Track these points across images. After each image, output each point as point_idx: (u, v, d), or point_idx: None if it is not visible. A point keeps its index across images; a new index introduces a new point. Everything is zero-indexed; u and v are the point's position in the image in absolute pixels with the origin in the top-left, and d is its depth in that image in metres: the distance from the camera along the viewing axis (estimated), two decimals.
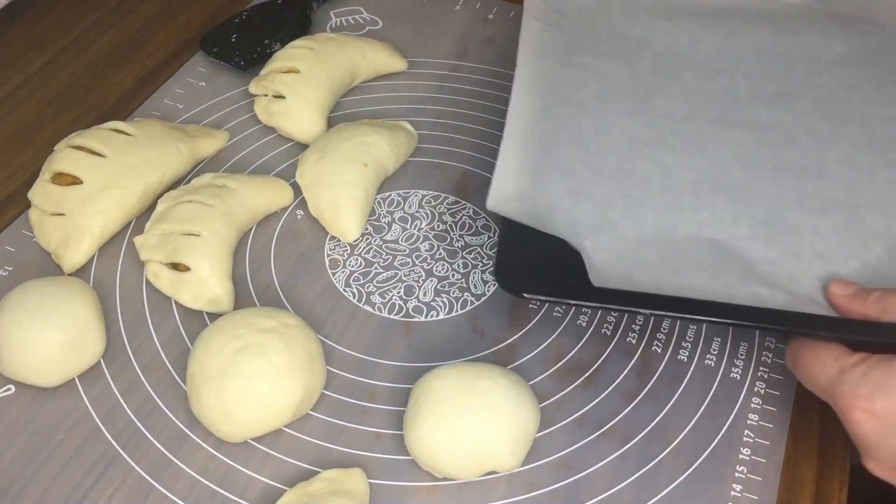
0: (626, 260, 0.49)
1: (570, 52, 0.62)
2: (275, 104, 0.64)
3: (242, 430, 0.46)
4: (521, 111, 0.56)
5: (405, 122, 0.64)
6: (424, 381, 0.46)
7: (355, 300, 0.55)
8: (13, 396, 0.50)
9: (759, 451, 0.47)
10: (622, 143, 0.55)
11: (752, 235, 0.50)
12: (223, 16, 0.75)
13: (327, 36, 0.68)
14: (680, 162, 0.54)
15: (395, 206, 0.60)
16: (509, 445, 0.44)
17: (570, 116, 0.57)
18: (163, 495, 0.46)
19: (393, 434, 0.48)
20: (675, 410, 0.49)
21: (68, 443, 0.48)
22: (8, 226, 0.58)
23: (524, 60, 0.58)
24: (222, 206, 0.55)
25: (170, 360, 0.51)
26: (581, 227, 0.50)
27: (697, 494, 0.46)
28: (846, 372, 0.41)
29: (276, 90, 0.64)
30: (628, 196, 0.52)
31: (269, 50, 0.70)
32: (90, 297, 0.51)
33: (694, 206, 0.52)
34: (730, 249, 0.49)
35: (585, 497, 0.46)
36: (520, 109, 0.56)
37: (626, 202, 0.52)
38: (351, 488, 0.44)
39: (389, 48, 0.70)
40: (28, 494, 0.46)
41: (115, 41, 0.73)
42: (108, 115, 0.66)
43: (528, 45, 0.60)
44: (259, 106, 0.65)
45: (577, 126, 0.56)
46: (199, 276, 0.53)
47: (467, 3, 0.77)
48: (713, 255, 0.49)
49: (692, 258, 0.49)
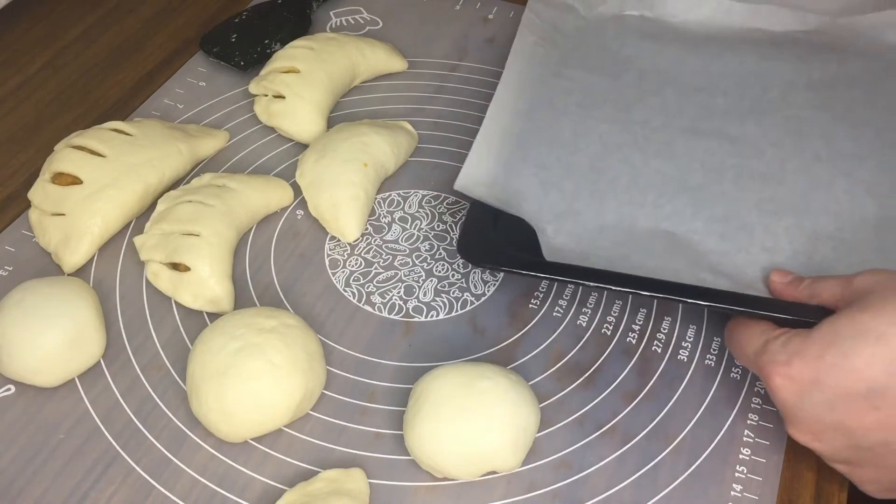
0: (584, 244, 0.53)
1: (560, 64, 0.66)
2: (275, 104, 0.64)
3: (242, 430, 0.46)
4: (502, 110, 0.59)
5: (405, 122, 0.64)
6: (424, 381, 0.46)
7: (355, 300, 0.55)
8: (13, 396, 0.50)
9: (759, 451, 0.48)
10: (597, 146, 0.59)
11: (707, 230, 0.53)
12: (223, 16, 0.75)
13: (327, 36, 0.68)
14: (649, 164, 0.58)
15: (395, 206, 0.60)
16: (509, 445, 0.44)
17: (552, 119, 0.61)
18: (163, 495, 0.46)
19: (393, 434, 0.48)
20: (675, 410, 0.49)
21: (68, 443, 0.48)
22: (8, 226, 0.58)
23: (513, 67, 0.62)
24: (222, 206, 0.56)
25: (170, 360, 0.51)
26: (546, 213, 0.54)
27: (697, 494, 0.46)
28: (769, 343, 0.44)
29: (276, 90, 0.64)
30: (595, 190, 0.56)
31: (269, 50, 0.70)
32: (90, 297, 0.51)
33: (657, 202, 0.55)
34: (684, 240, 0.53)
35: (585, 497, 0.46)
36: (501, 109, 0.59)
37: (592, 195, 0.56)
38: (351, 488, 0.44)
39: (389, 48, 0.70)
40: (28, 494, 0.46)
41: (115, 41, 0.73)
42: (108, 115, 0.66)
43: (520, 55, 0.64)
44: (259, 106, 0.65)
45: (557, 128, 0.60)
46: (199, 276, 0.53)
47: (467, 3, 0.77)
48: (667, 244, 0.53)
49: (646, 246, 0.53)
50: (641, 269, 0.50)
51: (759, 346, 0.44)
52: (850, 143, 0.59)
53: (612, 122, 0.61)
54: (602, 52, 0.67)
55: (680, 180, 0.57)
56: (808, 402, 0.41)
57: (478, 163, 0.55)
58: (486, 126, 0.57)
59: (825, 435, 0.42)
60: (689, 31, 0.69)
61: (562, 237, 0.53)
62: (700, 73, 0.65)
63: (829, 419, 0.41)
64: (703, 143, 0.59)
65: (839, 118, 0.60)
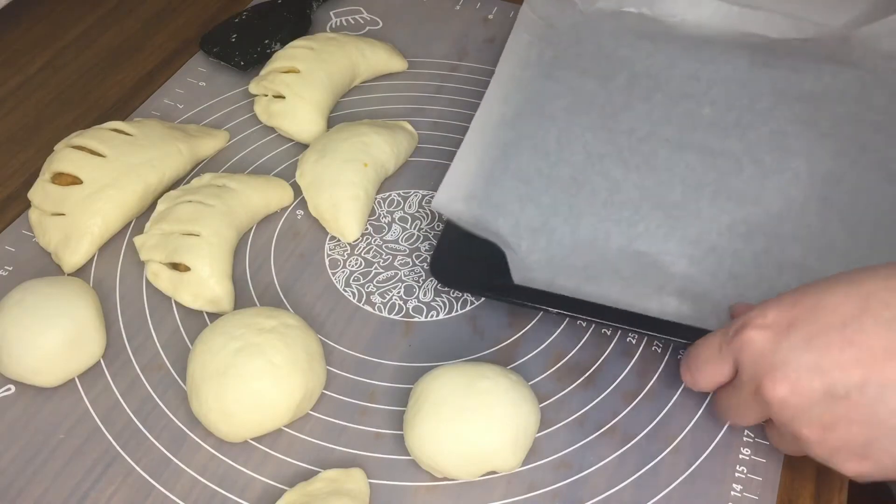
0: (555, 263, 0.54)
1: (553, 65, 0.66)
2: (275, 104, 0.64)
3: (242, 430, 0.46)
4: (489, 117, 0.59)
5: (405, 122, 0.64)
6: (424, 381, 0.46)
7: (355, 300, 0.55)
8: (13, 396, 0.50)
9: (759, 451, 0.47)
10: (581, 156, 0.60)
11: (679, 252, 0.54)
12: (223, 16, 0.75)
13: (327, 36, 0.68)
14: (629, 178, 0.59)
15: (395, 206, 0.60)
16: (509, 445, 0.44)
17: (538, 126, 0.61)
18: (163, 495, 0.46)
19: (393, 434, 0.48)
20: (674, 410, 0.49)
21: (68, 443, 0.48)
22: (8, 226, 0.58)
23: (504, 69, 0.63)
24: (222, 206, 0.56)
25: (170, 360, 0.51)
26: (523, 229, 0.55)
27: (697, 494, 0.46)
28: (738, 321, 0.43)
29: (277, 90, 0.64)
30: (573, 204, 0.57)
31: (269, 50, 0.70)
32: (90, 297, 0.51)
33: (632, 219, 0.56)
34: (654, 262, 0.54)
35: (585, 497, 0.46)
36: (488, 115, 0.59)
37: (570, 209, 0.57)
38: (351, 488, 0.44)
39: (389, 48, 0.70)
40: (28, 494, 0.46)
41: (115, 41, 0.73)
42: (108, 115, 0.66)
43: (513, 55, 0.64)
44: (259, 106, 0.65)
45: (542, 135, 0.61)
46: (199, 276, 0.53)
47: (467, 3, 0.77)
48: (637, 265, 0.54)
49: (617, 267, 0.54)
50: (610, 292, 0.52)
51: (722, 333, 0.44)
52: (832, 161, 0.58)
53: (597, 129, 0.61)
54: (596, 52, 0.67)
55: (658, 196, 0.57)
56: (785, 345, 0.40)
57: (458, 178, 0.56)
58: (469, 138, 0.58)
59: (801, 382, 0.39)
60: (686, 32, 0.69)
61: (536, 255, 0.54)
62: (691, 78, 0.65)
63: (806, 360, 0.39)
64: (685, 157, 0.60)
65: (825, 134, 0.60)
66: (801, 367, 0.40)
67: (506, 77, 0.63)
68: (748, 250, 0.54)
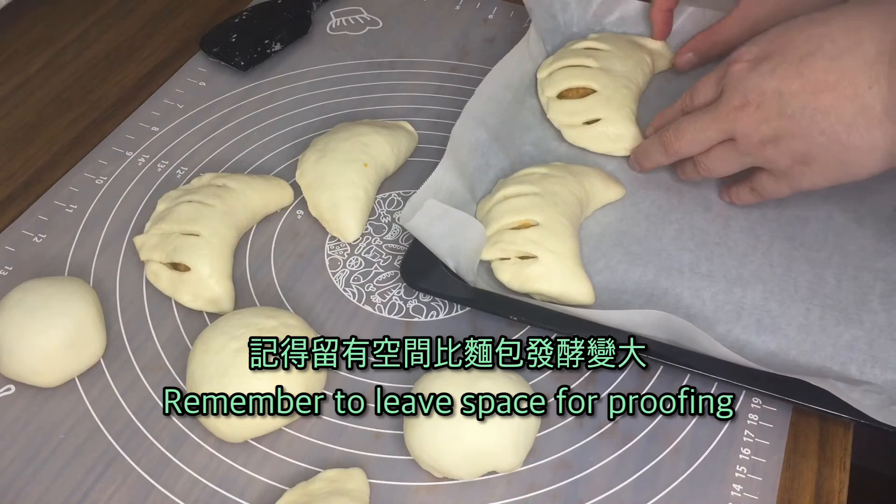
0: None
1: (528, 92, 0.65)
2: (527, 267, 0.53)
3: (242, 430, 0.46)
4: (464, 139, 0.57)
5: (405, 122, 0.64)
6: (424, 381, 0.46)
7: (355, 300, 0.55)
8: (13, 396, 0.50)
9: (759, 451, 0.47)
10: None
11: (636, 291, 0.54)
12: (223, 16, 0.75)
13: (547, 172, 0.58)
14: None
15: (395, 206, 0.60)
16: (509, 445, 0.44)
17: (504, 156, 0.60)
18: (163, 495, 0.46)
19: (393, 434, 0.48)
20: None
21: (68, 443, 0.48)
22: (8, 226, 0.58)
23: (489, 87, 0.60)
24: (222, 206, 0.55)
25: (170, 360, 0.51)
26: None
27: (697, 494, 0.46)
28: (729, 57, 0.53)
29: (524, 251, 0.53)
30: None
31: (269, 50, 0.70)
32: (90, 297, 0.51)
33: (592, 256, 0.55)
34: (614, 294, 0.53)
35: (585, 497, 0.46)
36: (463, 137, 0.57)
37: None
38: (351, 488, 0.44)
39: (605, 175, 0.60)
40: (28, 494, 0.46)
41: (115, 41, 0.74)
42: (108, 115, 0.66)
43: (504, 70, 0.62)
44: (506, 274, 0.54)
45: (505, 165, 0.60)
46: (199, 275, 0.53)
47: (467, 3, 0.77)
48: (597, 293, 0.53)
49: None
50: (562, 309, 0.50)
51: (724, 64, 0.53)
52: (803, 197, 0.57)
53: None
54: None
55: (621, 232, 0.57)
56: (757, 72, 0.50)
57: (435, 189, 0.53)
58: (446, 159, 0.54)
59: (764, 103, 0.49)
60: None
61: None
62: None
63: (768, 85, 0.49)
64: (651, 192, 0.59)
65: None
66: (764, 92, 0.49)
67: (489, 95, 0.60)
68: (708, 291, 0.53)
